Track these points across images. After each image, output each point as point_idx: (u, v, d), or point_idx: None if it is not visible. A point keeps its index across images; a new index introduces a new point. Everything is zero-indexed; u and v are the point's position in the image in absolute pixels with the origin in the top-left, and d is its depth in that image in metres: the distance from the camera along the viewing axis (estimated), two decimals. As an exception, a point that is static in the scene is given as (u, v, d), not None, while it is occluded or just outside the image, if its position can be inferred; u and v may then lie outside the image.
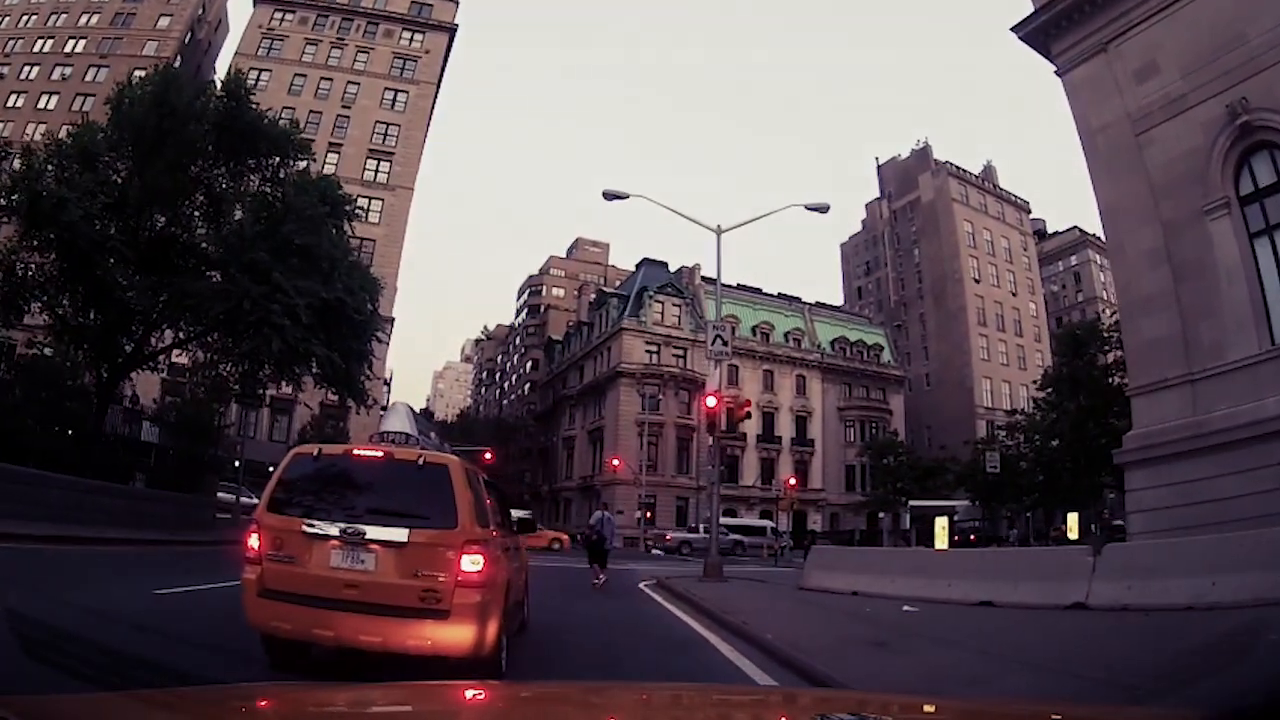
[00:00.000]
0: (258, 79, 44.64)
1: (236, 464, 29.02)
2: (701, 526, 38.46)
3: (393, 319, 47.22)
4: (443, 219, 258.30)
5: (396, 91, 55.90)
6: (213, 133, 20.92)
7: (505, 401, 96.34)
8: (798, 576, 16.80)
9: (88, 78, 51.66)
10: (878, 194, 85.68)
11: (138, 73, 26.12)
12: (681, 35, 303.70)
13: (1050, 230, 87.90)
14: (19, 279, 20.02)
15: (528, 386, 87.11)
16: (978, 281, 72.59)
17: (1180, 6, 14.71)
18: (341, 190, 23.67)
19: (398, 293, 50.49)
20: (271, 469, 6.29)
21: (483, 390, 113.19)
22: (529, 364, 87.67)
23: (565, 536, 40.14)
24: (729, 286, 56.49)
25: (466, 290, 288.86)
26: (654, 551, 44.01)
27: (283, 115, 27.97)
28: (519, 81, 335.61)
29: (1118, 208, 16.20)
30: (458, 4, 59.57)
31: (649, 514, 50.91)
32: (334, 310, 20.91)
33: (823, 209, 20.76)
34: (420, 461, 5.43)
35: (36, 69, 52.69)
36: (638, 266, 66.52)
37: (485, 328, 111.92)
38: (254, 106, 21.88)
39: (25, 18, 55.04)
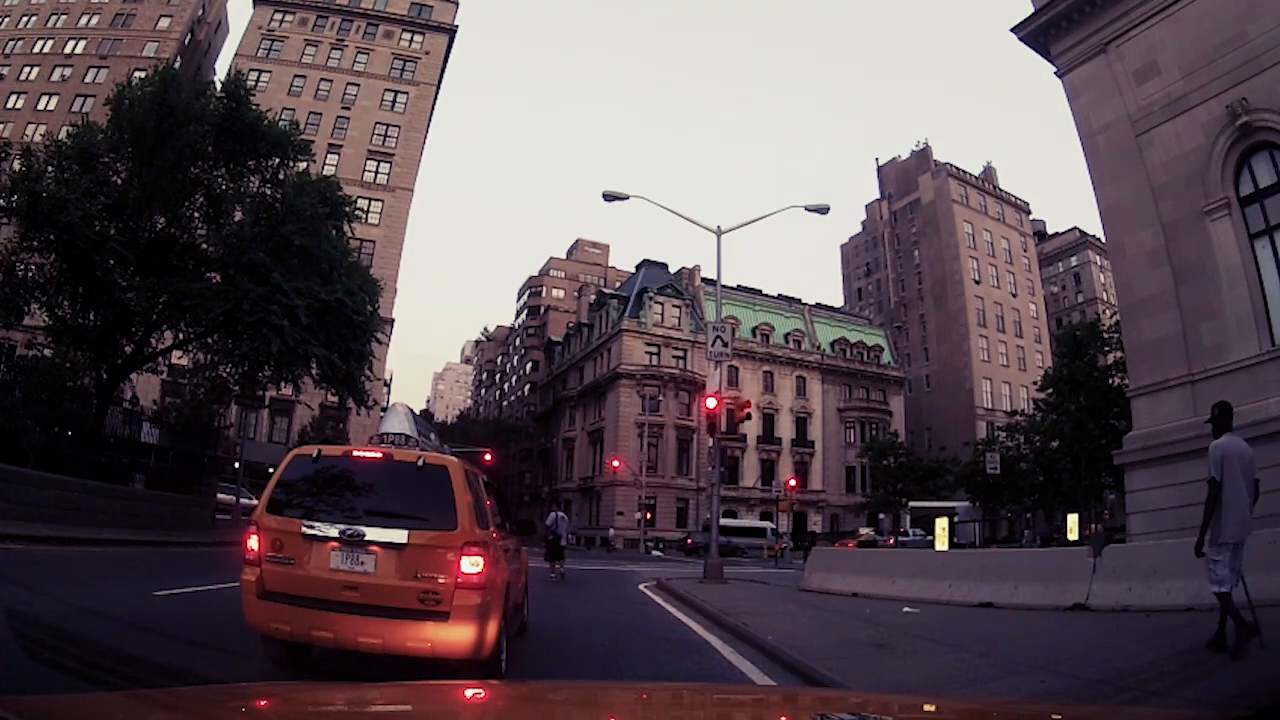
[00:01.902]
0: (257, 80, 44.66)
1: (236, 465, 29.02)
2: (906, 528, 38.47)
3: (392, 320, 47.23)
4: (443, 220, 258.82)
5: (396, 92, 55.91)
6: (212, 134, 20.92)
7: (505, 403, 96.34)
8: (798, 578, 16.79)
9: (87, 78, 51.67)
10: (878, 195, 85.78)
11: (137, 74, 26.12)
12: (683, 36, 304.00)
13: (1050, 231, 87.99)
14: (19, 280, 20.01)
15: (528, 388, 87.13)
16: (978, 282, 72.62)
17: (1181, 6, 14.71)
18: (341, 191, 23.62)
19: (397, 294, 50.54)
20: (271, 470, 6.28)
21: (483, 391, 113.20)
22: (529, 365, 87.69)
23: None
24: (729, 287, 56.57)
25: (466, 291, 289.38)
26: (654, 553, 44.05)
27: (282, 116, 27.97)
28: (519, 83, 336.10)
29: (1118, 208, 16.19)
30: (457, 5, 59.64)
31: (649, 515, 50.92)
32: (333, 311, 20.89)
33: (823, 210, 20.76)
34: (420, 463, 5.41)
35: (36, 69, 52.68)
36: (638, 267, 66.52)
37: (485, 329, 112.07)
38: (254, 107, 21.87)
39: (25, 18, 55.04)
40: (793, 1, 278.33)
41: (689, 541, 43.27)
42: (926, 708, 2.97)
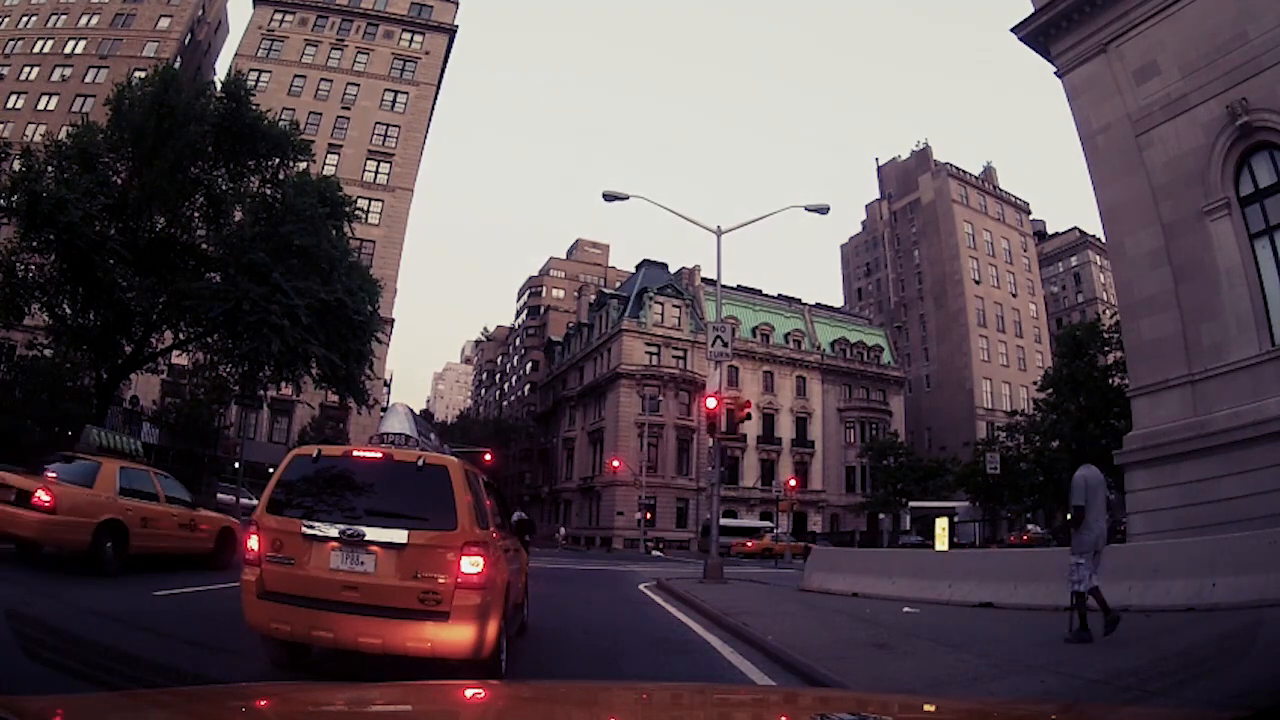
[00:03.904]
0: (257, 80, 44.65)
1: (236, 465, 29.03)
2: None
3: (392, 320, 47.22)
4: (443, 220, 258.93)
5: (396, 92, 55.91)
6: (212, 134, 20.88)
7: (505, 403, 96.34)
8: (797, 578, 16.79)
9: (87, 78, 51.67)
10: (878, 195, 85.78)
11: (137, 74, 26.07)
12: (683, 36, 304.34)
13: (1050, 231, 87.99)
14: (19, 280, 20.00)
15: (528, 388, 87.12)
16: (978, 282, 72.61)
17: (1181, 6, 14.70)
18: (341, 191, 23.59)
19: (397, 294, 50.54)
20: (271, 470, 6.28)
21: (483, 391, 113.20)
22: (529, 365, 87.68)
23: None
24: (729, 287, 56.55)
25: (466, 291, 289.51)
26: (654, 553, 44.08)
27: (282, 116, 27.94)
28: (518, 83, 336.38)
29: (1118, 208, 16.19)
30: (457, 5, 59.64)
31: (649, 515, 50.91)
32: (334, 311, 20.88)
33: (823, 210, 20.75)
34: (420, 463, 5.41)
35: (36, 69, 52.68)
36: (638, 267, 66.52)
37: (485, 329, 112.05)
38: (254, 108, 21.82)
39: (25, 18, 55.04)
40: (793, 2, 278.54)
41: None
42: (926, 708, 2.97)
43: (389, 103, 55.50)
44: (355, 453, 5.73)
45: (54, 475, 10.29)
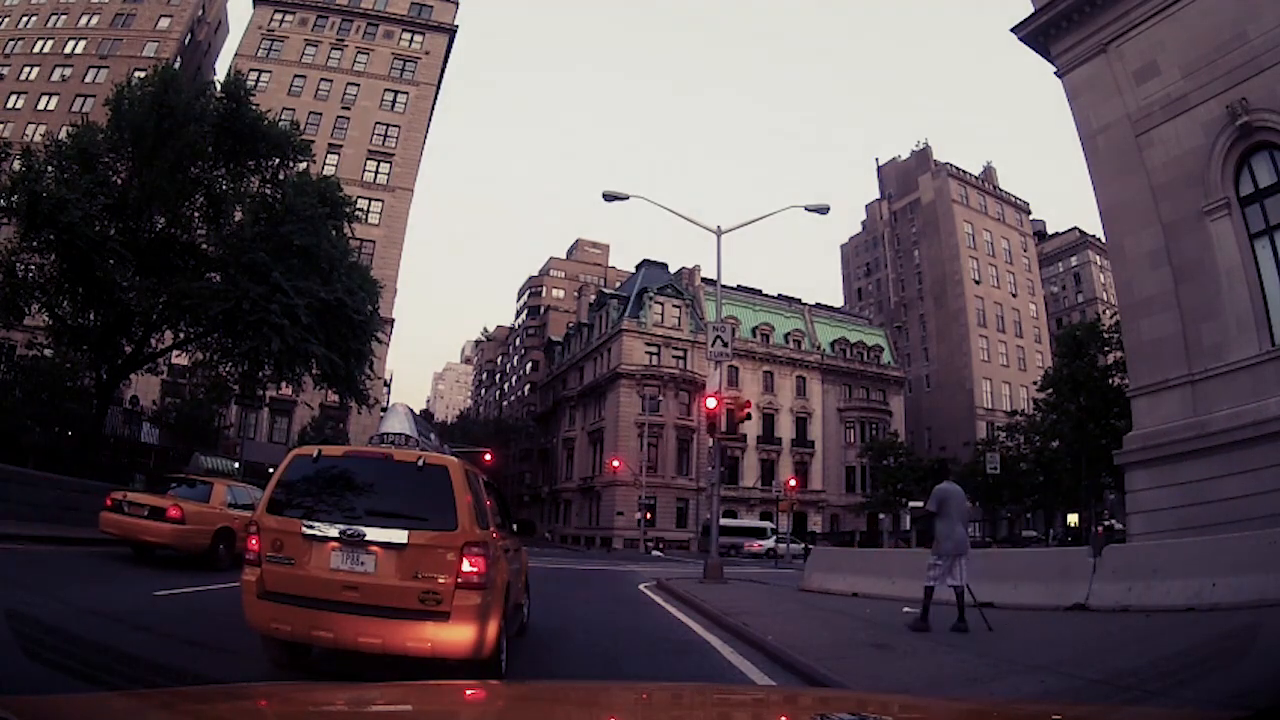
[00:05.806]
0: (257, 80, 44.64)
1: (236, 465, 29.03)
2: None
3: (392, 320, 47.20)
4: (443, 220, 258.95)
5: (396, 93, 55.87)
6: (212, 134, 20.90)
7: (505, 403, 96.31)
8: (797, 578, 16.79)
9: (87, 78, 51.64)
10: (878, 195, 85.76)
11: (137, 74, 26.06)
12: (683, 37, 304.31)
13: (1050, 231, 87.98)
14: (19, 280, 20.01)
15: (528, 388, 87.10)
16: (978, 282, 72.59)
17: (1181, 6, 14.69)
18: (341, 191, 23.61)
19: (397, 294, 50.50)
20: (271, 470, 6.28)
21: (483, 391, 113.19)
22: (529, 365, 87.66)
23: None
24: (729, 288, 56.53)
25: (467, 291, 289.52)
26: (654, 553, 44.10)
27: (282, 116, 27.97)
28: (519, 83, 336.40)
29: (1118, 208, 16.18)
30: (457, 5, 59.59)
31: (649, 515, 50.89)
32: (334, 311, 20.89)
33: (823, 210, 20.74)
34: (420, 463, 5.41)
35: (36, 69, 52.64)
36: (638, 268, 66.48)
37: (485, 329, 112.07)
38: (254, 108, 21.85)
39: (25, 18, 55.01)
40: (793, 2, 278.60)
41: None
42: (926, 708, 2.97)
43: (389, 103, 55.46)
44: (355, 453, 5.73)
45: (173, 494, 12.90)
